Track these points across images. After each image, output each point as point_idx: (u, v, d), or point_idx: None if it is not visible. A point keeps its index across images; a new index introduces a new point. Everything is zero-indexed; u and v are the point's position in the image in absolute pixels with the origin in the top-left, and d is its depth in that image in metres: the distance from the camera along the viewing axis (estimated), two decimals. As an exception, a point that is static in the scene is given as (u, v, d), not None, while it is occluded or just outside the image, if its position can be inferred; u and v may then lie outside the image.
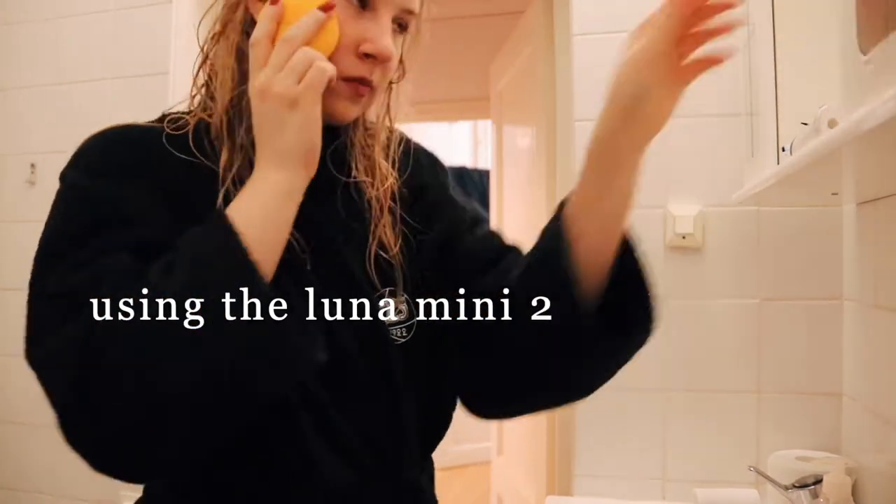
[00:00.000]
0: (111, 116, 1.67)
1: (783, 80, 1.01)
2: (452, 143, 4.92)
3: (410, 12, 0.66)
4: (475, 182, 4.77)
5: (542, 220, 1.88)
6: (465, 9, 2.72)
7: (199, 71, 0.71)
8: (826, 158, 0.71)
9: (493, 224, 2.46)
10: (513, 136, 2.24)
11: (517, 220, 2.14)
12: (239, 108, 0.64)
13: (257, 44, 0.59)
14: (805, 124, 0.84)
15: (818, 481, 1.03)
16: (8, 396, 1.68)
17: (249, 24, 0.65)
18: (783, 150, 0.99)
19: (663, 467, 1.32)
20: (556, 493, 1.46)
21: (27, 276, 1.83)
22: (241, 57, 0.64)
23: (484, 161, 5.03)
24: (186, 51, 1.61)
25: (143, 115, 1.65)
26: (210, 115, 0.66)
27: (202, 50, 0.70)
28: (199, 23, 0.72)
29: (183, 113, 0.68)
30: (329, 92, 0.61)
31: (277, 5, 0.59)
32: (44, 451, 1.64)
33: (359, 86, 0.64)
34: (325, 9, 0.59)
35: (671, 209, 1.32)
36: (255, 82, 0.59)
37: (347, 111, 0.65)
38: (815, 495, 1.03)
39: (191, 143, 0.64)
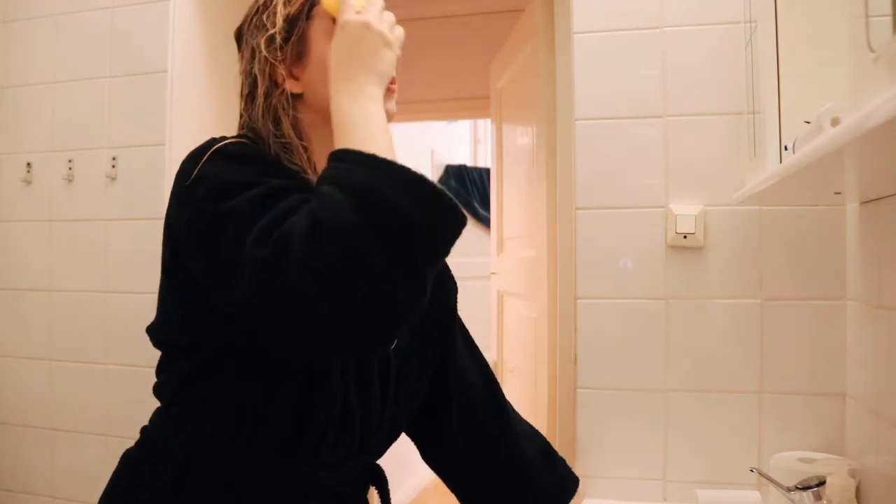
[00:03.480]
0: (109, 115, 1.68)
1: (786, 77, 1.00)
2: (452, 141, 4.90)
3: None
4: (475, 180, 4.76)
5: (542, 219, 1.86)
6: (465, 7, 2.71)
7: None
8: (829, 157, 0.70)
9: (494, 222, 2.45)
10: (513, 135, 2.23)
11: (517, 219, 2.13)
12: (299, 134, 0.84)
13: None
14: (808, 122, 0.83)
15: (821, 483, 1.03)
16: (6, 397, 1.67)
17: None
18: (785, 148, 0.98)
19: (664, 468, 1.31)
20: (556, 494, 1.45)
21: (24, 276, 1.83)
22: (289, 108, 0.85)
23: (484, 159, 5.03)
24: (184, 48, 1.60)
25: (142, 113, 1.65)
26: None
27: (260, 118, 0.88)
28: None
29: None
30: None
31: None
32: (42, 452, 1.63)
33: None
34: None
35: (672, 208, 1.31)
36: (355, 17, 0.76)
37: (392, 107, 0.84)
38: (818, 497, 1.02)
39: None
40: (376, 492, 0.94)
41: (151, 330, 0.85)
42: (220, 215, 0.69)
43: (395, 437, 0.93)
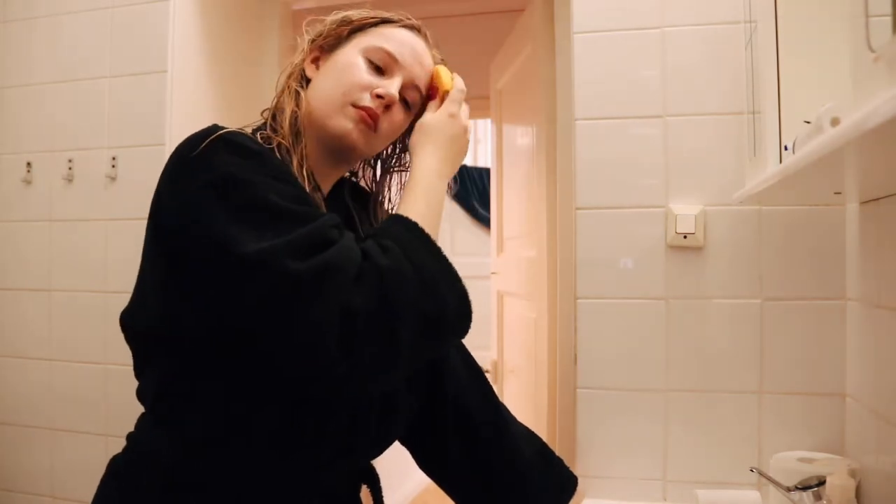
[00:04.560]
0: (109, 115, 1.68)
1: (785, 77, 1.00)
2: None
3: (415, 87, 0.92)
4: (475, 180, 4.76)
5: (542, 219, 1.86)
6: (465, 7, 2.71)
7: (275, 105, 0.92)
8: (828, 157, 0.70)
9: (494, 222, 2.45)
10: (513, 135, 2.23)
11: (517, 218, 2.13)
12: (296, 131, 0.86)
13: (459, 99, 0.94)
14: (808, 122, 0.83)
15: (821, 483, 1.03)
16: (6, 397, 1.67)
17: (304, 77, 0.91)
18: (785, 148, 0.98)
19: (664, 468, 1.31)
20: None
21: (24, 276, 1.84)
22: (298, 99, 0.88)
23: (484, 159, 5.02)
24: (184, 48, 1.60)
25: (142, 113, 1.66)
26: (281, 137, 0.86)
27: (277, 96, 0.92)
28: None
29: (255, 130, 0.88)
30: (341, 115, 0.85)
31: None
32: (42, 452, 1.63)
33: (364, 113, 0.85)
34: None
35: (672, 208, 1.31)
36: (464, 121, 0.93)
37: (348, 128, 0.86)
38: (818, 497, 1.02)
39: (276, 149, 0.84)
40: (369, 491, 0.94)
41: (126, 315, 0.83)
42: (230, 203, 0.70)
43: (388, 441, 0.93)
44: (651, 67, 1.33)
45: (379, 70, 0.89)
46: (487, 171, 3.91)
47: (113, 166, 1.58)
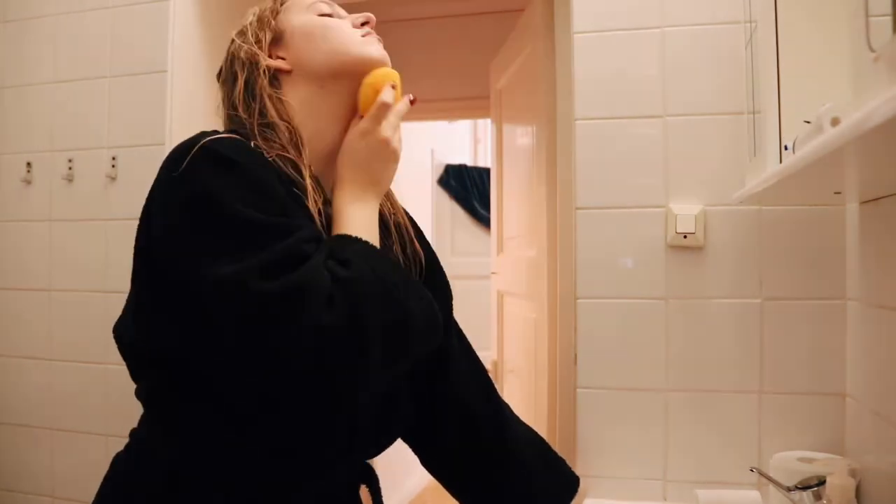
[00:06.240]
0: (109, 115, 1.68)
1: (786, 77, 1.00)
2: (453, 141, 4.90)
3: None
4: (475, 180, 4.76)
5: (542, 219, 1.85)
6: (465, 7, 2.72)
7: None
8: (829, 157, 0.70)
9: (494, 222, 2.45)
10: (513, 135, 2.23)
11: (517, 218, 2.13)
12: (295, 143, 0.82)
13: (392, 114, 0.84)
14: (808, 122, 0.83)
15: (821, 483, 1.03)
16: (6, 397, 1.67)
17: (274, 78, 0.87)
18: (786, 148, 0.98)
19: (664, 468, 1.31)
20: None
21: (24, 276, 1.84)
22: (281, 107, 0.84)
23: (484, 159, 5.03)
24: (184, 48, 1.60)
25: (142, 113, 1.65)
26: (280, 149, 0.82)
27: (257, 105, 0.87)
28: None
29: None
30: (363, 44, 0.86)
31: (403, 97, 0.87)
32: (42, 452, 1.63)
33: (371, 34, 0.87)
34: (413, 102, 0.86)
35: (672, 208, 1.31)
36: (381, 134, 0.82)
37: (375, 52, 0.87)
38: (818, 497, 1.02)
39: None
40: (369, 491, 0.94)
41: (118, 326, 0.83)
42: (205, 223, 0.69)
43: (389, 441, 0.93)
44: (651, 67, 1.33)
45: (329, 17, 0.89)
46: (487, 171, 3.91)
47: (113, 166, 1.58)
